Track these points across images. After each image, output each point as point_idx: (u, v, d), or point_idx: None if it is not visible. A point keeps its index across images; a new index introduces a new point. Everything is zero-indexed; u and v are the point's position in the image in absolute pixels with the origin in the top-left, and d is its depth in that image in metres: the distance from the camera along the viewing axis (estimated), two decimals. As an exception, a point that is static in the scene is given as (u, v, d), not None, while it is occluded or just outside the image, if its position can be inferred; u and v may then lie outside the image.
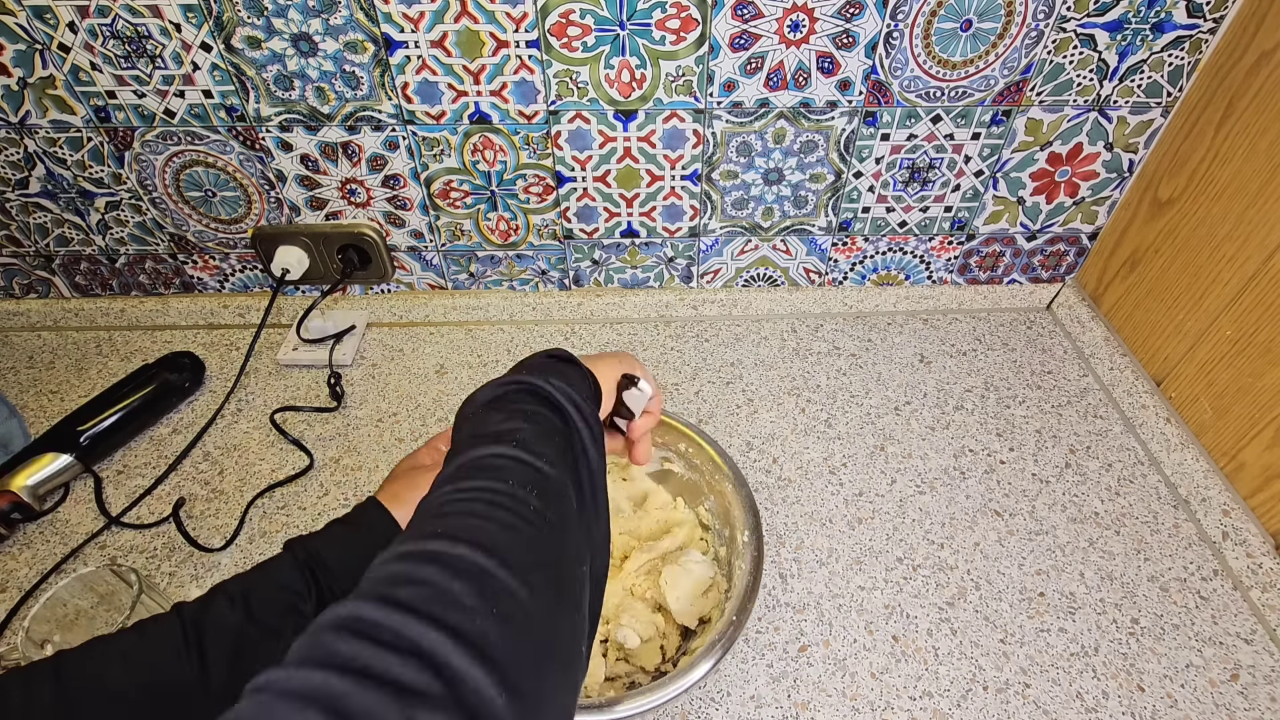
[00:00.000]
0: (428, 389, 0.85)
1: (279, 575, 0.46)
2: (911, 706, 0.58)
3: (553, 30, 0.69)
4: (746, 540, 0.60)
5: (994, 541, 0.69)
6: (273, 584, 0.46)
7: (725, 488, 0.64)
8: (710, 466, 0.66)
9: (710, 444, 0.66)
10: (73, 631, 0.55)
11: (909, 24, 0.69)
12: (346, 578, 0.48)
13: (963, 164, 0.81)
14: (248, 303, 0.92)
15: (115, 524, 0.71)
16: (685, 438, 0.67)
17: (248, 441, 0.79)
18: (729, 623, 0.53)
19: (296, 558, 0.47)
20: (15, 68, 0.71)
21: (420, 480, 0.55)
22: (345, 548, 0.49)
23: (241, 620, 0.43)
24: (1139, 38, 0.72)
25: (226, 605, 0.44)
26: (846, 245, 0.89)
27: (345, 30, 0.68)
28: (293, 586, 0.46)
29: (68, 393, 0.84)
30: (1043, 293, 0.95)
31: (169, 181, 0.80)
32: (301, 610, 0.45)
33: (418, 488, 0.54)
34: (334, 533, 0.50)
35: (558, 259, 0.89)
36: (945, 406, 0.83)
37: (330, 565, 0.48)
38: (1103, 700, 0.58)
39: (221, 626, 0.43)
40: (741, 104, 0.75)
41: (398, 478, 0.56)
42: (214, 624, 0.43)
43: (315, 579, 0.47)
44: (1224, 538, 0.68)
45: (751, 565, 0.57)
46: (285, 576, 0.46)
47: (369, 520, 0.52)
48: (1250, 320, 0.67)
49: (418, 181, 0.81)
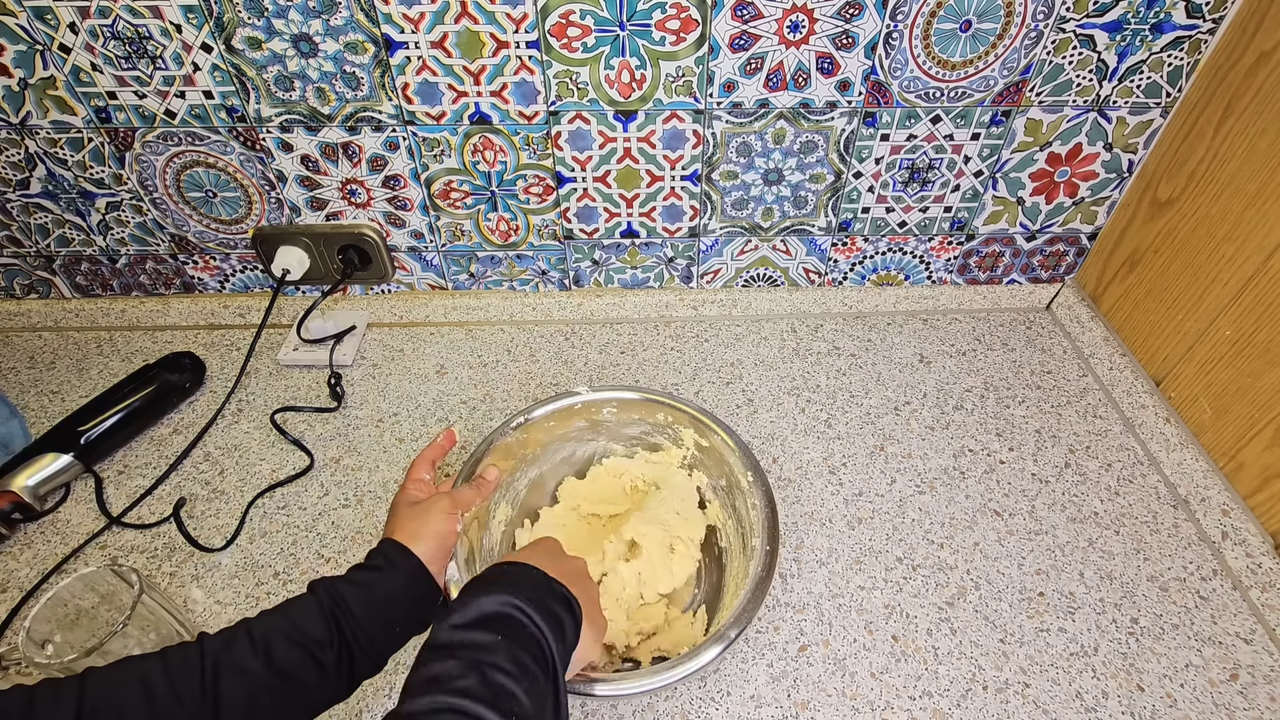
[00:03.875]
0: (428, 389, 0.85)
1: (303, 623, 0.46)
2: (911, 706, 0.58)
3: (553, 31, 0.69)
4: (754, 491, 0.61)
5: (994, 541, 0.70)
6: (296, 631, 0.46)
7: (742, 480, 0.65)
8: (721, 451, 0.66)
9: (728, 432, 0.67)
10: (73, 631, 0.55)
11: (908, 24, 0.69)
12: (373, 624, 0.48)
13: (962, 164, 0.81)
14: (248, 303, 0.92)
15: (116, 524, 0.71)
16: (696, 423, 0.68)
17: (248, 441, 0.79)
18: (739, 612, 0.53)
19: (322, 605, 0.47)
20: (16, 68, 0.71)
21: (430, 515, 0.55)
22: (371, 594, 0.49)
23: (261, 667, 0.44)
24: (1138, 38, 0.72)
25: (248, 648, 0.44)
26: (846, 245, 0.89)
27: (345, 31, 0.68)
28: (316, 635, 0.46)
29: (68, 393, 0.84)
30: (1042, 293, 0.96)
31: (170, 182, 0.80)
32: (321, 661, 0.45)
33: (430, 523, 0.54)
34: (360, 579, 0.50)
35: (558, 259, 0.89)
36: (945, 406, 0.83)
37: (356, 613, 0.47)
38: (1102, 700, 0.58)
39: (240, 669, 0.43)
40: (741, 104, 0.75)
41: (404, 517, 0.55)
42: (232, 666, 0.43)
43: (339, 627, 0.47)
44: (1223, 537, 0.68)
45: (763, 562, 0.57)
46: (309, 624, 0.46)
47: (395, 564, 0.51)
48: (1249, 320, 0.67)
49: (418, 182, 0.81)
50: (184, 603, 0.65)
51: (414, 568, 0.51)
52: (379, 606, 0.49)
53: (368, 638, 0.47)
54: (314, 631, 0.46)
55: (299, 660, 0.45)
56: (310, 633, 0.46)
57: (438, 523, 0.54)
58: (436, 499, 0.56)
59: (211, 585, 0.66)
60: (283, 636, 0.45)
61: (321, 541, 0.69)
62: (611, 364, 0.88)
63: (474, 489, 0.60)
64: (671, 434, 0.70)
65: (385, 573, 0.51)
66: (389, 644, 0.49)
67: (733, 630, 0.52)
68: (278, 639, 0.45)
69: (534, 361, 0.88)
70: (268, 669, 0.44)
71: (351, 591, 0.48)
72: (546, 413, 0.68)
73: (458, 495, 0.57)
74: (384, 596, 0.49)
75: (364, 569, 0.51)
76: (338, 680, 0.46)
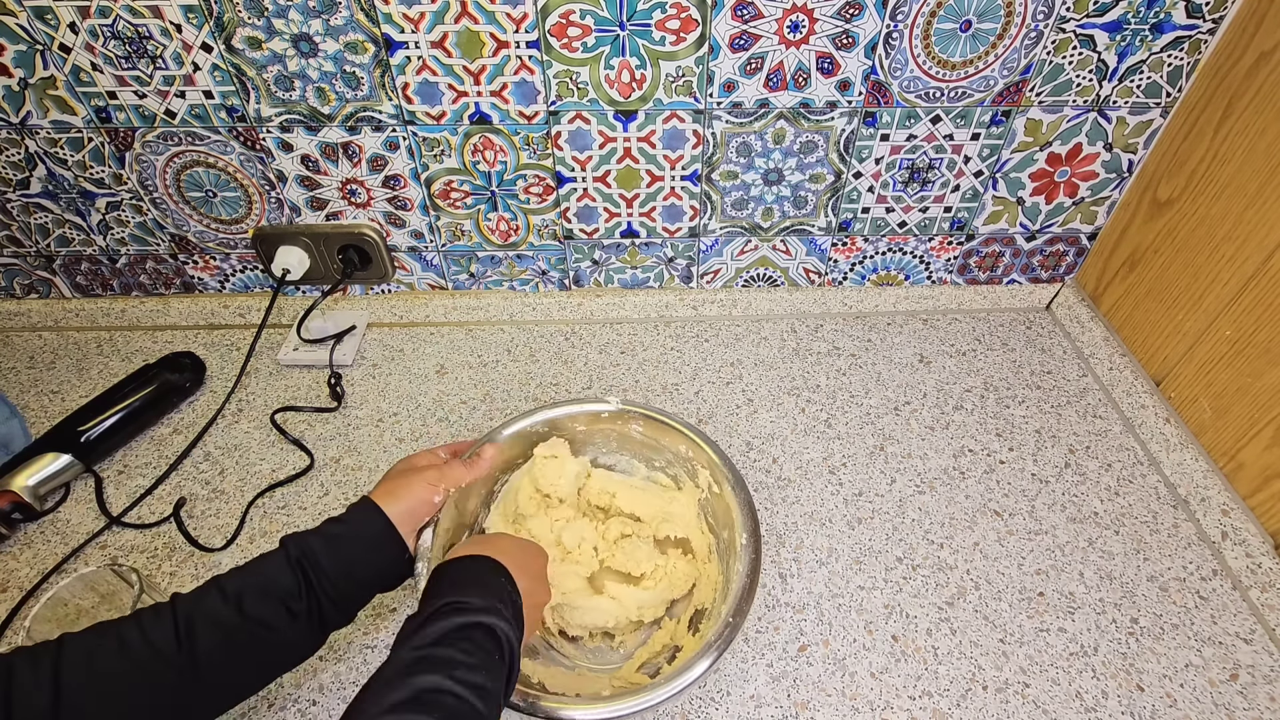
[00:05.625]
0: (428, 389, 0.85)
1: (273, 573, 0.48)
2: (911, 706, 0.58)
3: (553, 31, 0.69)
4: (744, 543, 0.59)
5: (993, 541, 0.70)
6: (266, 582, 0.47)
7: (725, 489, 0.64)
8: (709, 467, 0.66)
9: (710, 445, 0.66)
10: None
11: (908, 24, 0.69)
12: (338, 577, 0.49)
13: (962, 164, 0.81)
14: (248, 303, 0.92)
15: (116, 524, 0.71)
16: (684, 439, 0.67)
17: (248, 441, 0.79)
18: (725, 623, 0.53)
19: (290, 556, 0.48)
20: (16, 68, 0.71)
21: (413, 480, 0.56)
22: (338, 548, 0.50)
23: (233, 614, 0.45)
24: (1138, 38, 0.72)
25: (220, 599, 0.45)
26: (846, 245, 0.89)
27: (345, 31, 0.68)
28: (285, 586, 0.47)
29: (68, 393, 0.84)
30: (1042, 293, 0.96)
31: (170, 182, 0.80)
32: (293, 610, 0.47)
33: (412, 488, 0.55)
34: (328, 532, 0.51)
35: (558, 259, 0.89)
36: (945, 406, 0.83)
37: (323, 565, 0.49)
38: (1102, 700, 0.58)
39: (214, 619, 0.44)
40: (741, 104, 0.75)
41: (391, 477, 0.57)
42: (206, 616, 0.44)
43: (307, 578, 0.48)
44: (1223, 537, 0.68)
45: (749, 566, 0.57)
46: (279, 575, 0.47)
47: (363, 520, 0.53)
48: (1249, 320, 0.67)
49: (418, 182, 0.81)
50: (184, 602, 0.65)
51: (381, 526, 0.52)
52: (343, 559, 0.50)
53: (335, 588, 0.48)
54: (284, 582, 0.47)
55: (271, 610, 0.46)
56: (280, 582, 0.47)
57: (418, 489, 0.55)
58: (426, 470, 0.57)
59: (211, 584, 0.66)
60: (254, 587, 0.46)
61: (321, 541, 0.69)
62: (611, 364, 0.88)
63: (466, 466, 0.60)
64: (689, 469, 0.67)
65: (351, 525, 0.52)
66: (356, 595, 0.51)
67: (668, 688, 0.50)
68: (250, 591, 0.46)
69: (534, 361, 0.88)
70: (239, 615, 0.45)
71: (319, 543, 0.49)
72: (573, 413, 0.67)
73: (447, 470, 0.58)
74: (348, 549, 0.50)
75: (334, 521, 0.52)
76: (309, 628, 0.47)
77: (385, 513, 0.53)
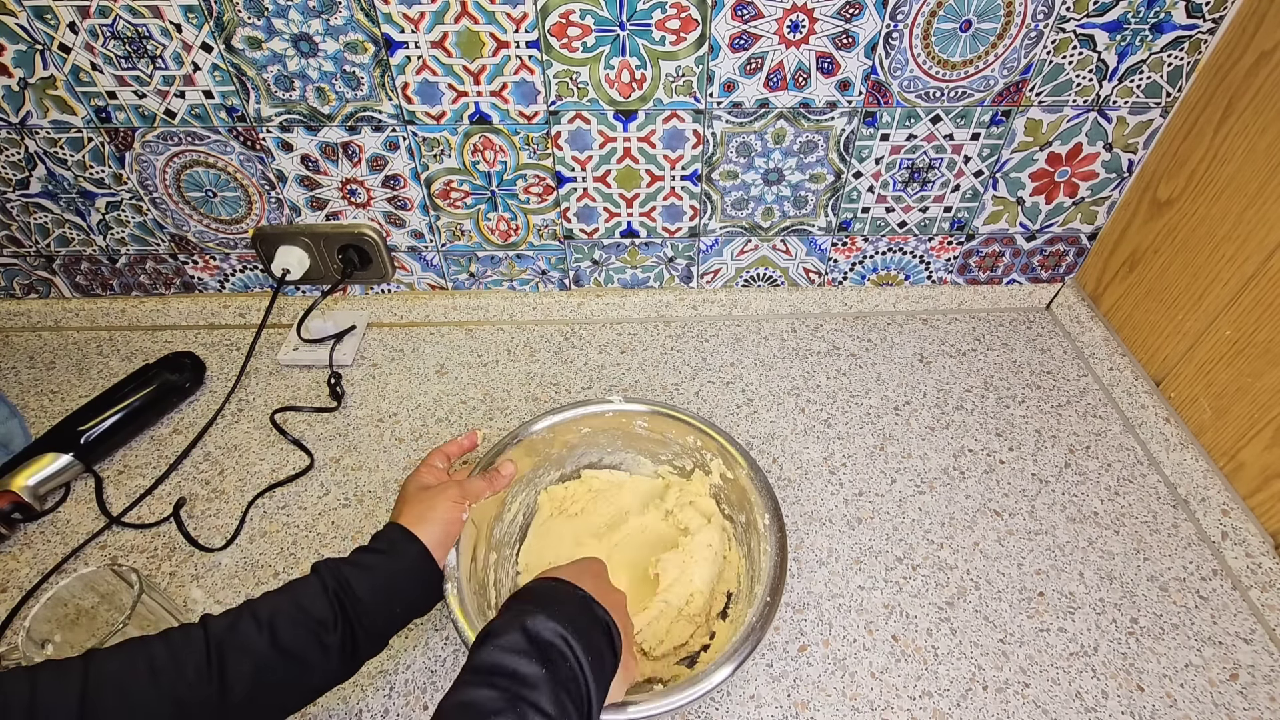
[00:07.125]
0: (428, 389, 0.85)
1: (307, 604, 0.46)
2: (911, 706, 0.58)
3: (553, 30, 0.69)
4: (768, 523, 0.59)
5: (993, 541, 0.70)
6: (300, 612, 0.46)
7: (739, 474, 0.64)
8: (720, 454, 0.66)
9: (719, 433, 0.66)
10: (74, 631, 0.55)
11: (908, 24, 0.69)
12: (375, 607, 0.48)
13: (962, 164, 0.81)
14: (248, 303, 0.92)
15: (116, 524, 0.71)
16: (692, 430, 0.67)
17: (248, 441, 0.79)
18: (764, 603, 0.53)
19: (326, 586, 0.47)
20: (16, 68, 0.71)
21: (437, 501, 0.55)
22: (375, 577, 0.49)
23: (266, 646, 0.44)
24: (1138, 38, 0.72)
25: (253, 629, 0.44)
26: (846, 245, 0.89)
27: (345, 31, 0.68)
28: (319, 616, 0.46)
29: (68, 393, 0.84)
30: (1042, 293, 0.96)
31: (169, 182, 0.80)
32: (325, 642, 0.46)
33: (437, 510, 0.54)
34: (364, 562, 0.50)
35: (558, 259, 0.89)
36: (945, 406, 0.83)
37: (360, 595, 0.48)
38: (1102, 700, 0.58)
39: (245, 648, 0.43)
40: (741, 104, 0.75)
41: (411, 500, 0.56)
42: (237, 645, 0.43)
43: (343, 609, 0.47)
44: (1223, 537, 0.68)
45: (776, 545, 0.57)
46: (313, 605, 0.46)
47: (399, 548, 0.52)
48: (1249, 320, 0.67)
49: (418, 182, 0.81)
50: (184, 603, 0.65)
51: (418, 552, 0.52)
52: (382, 589, 0.49)
53: (371, 619, 0.48)
54: (318, 612, 0.46)
55: (303, 640, 0.45)
56: (314, 614, 0.46)
57: (444, 509, 0.55)
58: (446, 486, 0.57)
59: (211, 585, 0.66)
60: (287, 617, 0.45)
61: (321, 541, 0.69)
62: (611, 364, 0.88)
63: (486, 481, 0.60)
64: (699, 459, 0.68)
65: (388, 556, 0.51)
66: (391, 625, 0.50)
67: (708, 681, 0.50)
68: (282, 620, 0.45)
69: (534, 361, 0.88)
70: (272, 648, 0.44)
71: (355, 574, 0.49)
72: (576, 416, 0.67)
73: (468, 485, 0.58)
74: (387, 579, 0.50)
75: (368, 551, 0.51)
76: (341, 660, 0.47)
77: (420, 539, 0.52)
